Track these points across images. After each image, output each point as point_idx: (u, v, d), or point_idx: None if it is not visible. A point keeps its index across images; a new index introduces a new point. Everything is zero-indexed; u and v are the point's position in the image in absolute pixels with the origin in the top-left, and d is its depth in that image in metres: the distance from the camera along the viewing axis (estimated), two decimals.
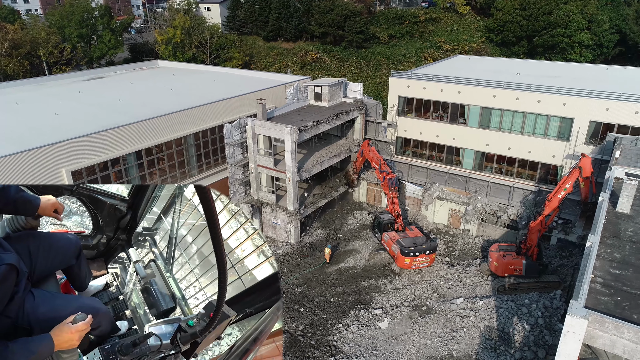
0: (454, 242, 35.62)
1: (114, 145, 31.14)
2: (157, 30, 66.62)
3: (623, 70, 43.70)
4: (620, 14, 69.59)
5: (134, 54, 73.79)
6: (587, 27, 65.48)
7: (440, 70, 41.36)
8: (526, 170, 35.72)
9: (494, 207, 34.88)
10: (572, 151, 32.56)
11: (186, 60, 64.26)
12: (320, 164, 35.80)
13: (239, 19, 78.99)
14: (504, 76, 38.31)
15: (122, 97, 39.83)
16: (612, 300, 14.11)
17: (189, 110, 35.65)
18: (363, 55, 69.55)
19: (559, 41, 64.55)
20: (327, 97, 38.33)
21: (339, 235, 36.12)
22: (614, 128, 30.84)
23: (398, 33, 75.15)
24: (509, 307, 26.86)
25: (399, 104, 39.74)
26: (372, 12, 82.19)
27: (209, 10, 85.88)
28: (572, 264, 30.42)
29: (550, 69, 44.74)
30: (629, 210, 19.50)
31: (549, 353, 24.02)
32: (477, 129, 36.71)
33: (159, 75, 52.65)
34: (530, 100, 33.64)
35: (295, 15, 72.44)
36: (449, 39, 71.42)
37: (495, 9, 69.27)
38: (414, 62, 66.67)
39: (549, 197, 27.57)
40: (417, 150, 40.68)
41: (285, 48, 73.37)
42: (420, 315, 27.29)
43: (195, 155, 37.05)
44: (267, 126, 33.10)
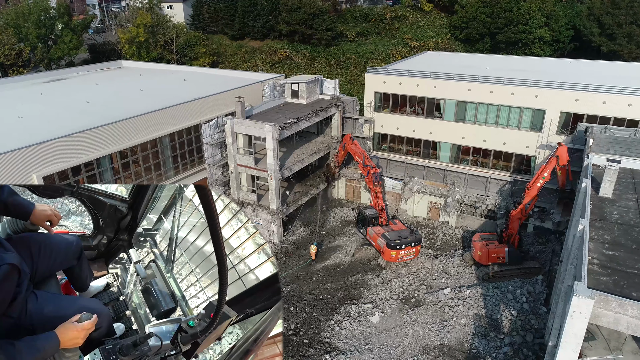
0: (434, 234, 36.22)
1: (87, 148, 29.79)
2: (119, 30, 64.25)
3: (584, 63, 45.75)
4: (574, 11, 72.87)
5: (94, 55, 70.92)
6: (545, 24, 68.20)
7: (413, 66, 41.90)
8: (501, 161, 36.75)
9: (472, 198, 35.70)
10: (545, 141, 33.76)
11: (152, 60, 62.38)
12: (301, 162, 35.54)
13: (204, 18, 77.41)
14: (475, 71, 39.24)
15: (89, 99, 38.18)
16: (611, 280, 14.65)
17: (164, 110, 34.58)
18: (332, 53, 69.70)
19: (520, 37, 66.88)
20: (305, 95, 38.10)
21: (322, 233, 36.00)
22: (584, 118, 32.18)
23: (365, 31, 75.77)
24: (495, 294, 27.55)
25: (375, 99, 39.99)
26: (338, 10, 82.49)
27: (171, 9, 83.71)
28: (550, 250, 31.56)
29: (517, 63, 46.25)
30: (610, 194, 20.37)
31: (536, 336, 24.80)
32: (453, 123, 37.44)
33: (125, 76, 50.84)
34: (503, 93, 34.63)
35: (262, 14, 71.70)
36: (416, 36, 72.67)
37: (459, 7, 71.00)
38: (382, 59, 67.36)
39: (528, 185, 28.49)
40: (394, 145, 41.07)
41: (253, 47, 72.51)
42: (410, 307, 27.56)
43: (171, 156, 35.98)
44: (247, 124, 32.52)
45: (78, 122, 31.16)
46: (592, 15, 68.15)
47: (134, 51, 61.65)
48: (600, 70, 41.23)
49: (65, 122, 31.27)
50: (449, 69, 39.70)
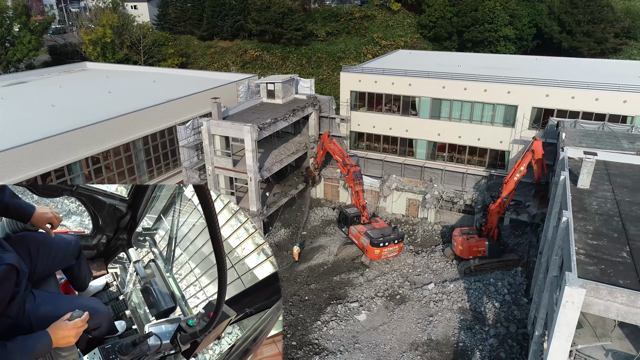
0: (414, 230, 36.61)
1: (56, 154, 28.48)
2: (82, 30, 61.85)
3: (550, 60, 47.32)
4: (535, 10, 75.36)
5: (55, 57, 68.10)
6: (509, 22, 70.20)
7: (386, 65, 42.18)
8: (476, 156, 37.52)
9: (450, 194, 36.28)
10: (519, 136, 34.68)
11: (118, 62, 60.39)
12: (279, 162, 35.18)
13: (171, 18, 75.60)
14: (447, 68, 39.87)
15: (54, 102, 36.56)
16: (598, 269, 15.09)
17: (136, 112, 33.47)
18: (303, 52, 69.47)
19: (486, 36, 68.59)
20: (281, 94, 37.74)
21: (303, 233, 35.76)
22: (554, 112, 33.24)
23: (335, 30, 75.90)
24: (478, 287, 28.06)
25: (351, 98, 40.06)
26: (307, 9, 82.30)
27: (135, 9, 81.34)
28: (527, 242, 32.45)
29: (486, 60, 47.37)
30: (588, 186, 21.05)
31: (519, 327, 25.41)
32: (429, 120, 37.95)
33: (91, 78, 49.02)
34: (477, 90, 35.35)
35: (231, 14, 70.67)
36: (385, 35, 73.37)
37: (426, 6, 72.15)
38: (353, 58, 67.68)
39: (506, 180, 29.16)
40: (370, 143, 41.27)
41: (222, 47, 71.36)
42: (396, 304, 27.72)
43: (145, 160, 34.87)
44: (225, 126, 31.91)
45: (45, 127, 29.77)
46: (553, 13, 70.65)
47: (98, 52, 59.51)
48: (566, 67, 42.74)
49: (31, 128, 29.80)
50: (422, 67, 40.22)
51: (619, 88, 31.09)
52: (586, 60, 48.55)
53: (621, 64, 46.34)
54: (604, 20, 66.77)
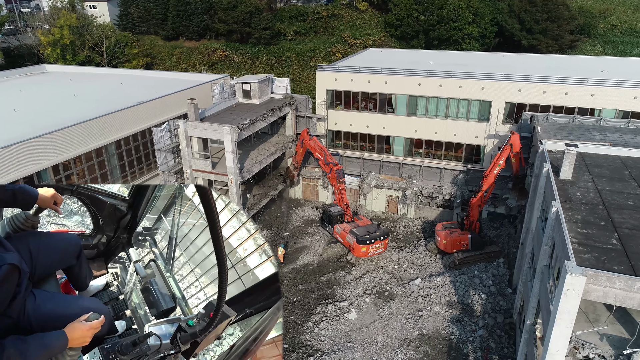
0: (395, 227, 36.91)
1: (24, 161, 26.93)
2: (40, 31, 58.78)
3: (516, 57, 48.88)
4: (497, 8, 77.77)
5: (9, 59, 64.40)
6: (473, 21, 72.09)
7: (359, 63, 42.31)
8: (452, 152, 38.23)
9: (429, 189, 36.79)
10: (493, 131, 35.58)
11: (79, 63, 57.82)
12: (259, 163, 34.63)
13: (133, 18, 73.12)
14: (420, 66, 40.39)
15: (16, 107, 34.61)
16: (592, 256, 15.59)
17: (108, 116, 32.10)
18: (272, 52, 68.82)
19: (451, 34, 70.14)
20: (257, 94, 37.17)
21: (286, 234, 35.35)
22: (526, 107, 34.28)
23: (303, 29, 75.63)
24: (463, 280, 28.57)
25: (327, 97, 39.95)
26: (273, 9, 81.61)
27: (94, 9, 78.20)
28: (505, 233, 33.33)
29: (456, 58, 48.35)
30: (570, 177, 21.77)
31: (505, 316, 26.03)
32: (405, 117, 38.36)
33: (52, 81, 46.73)
34: (452, 87, 36.01)
35: (196, 13, 69.07)
36: (353, 34, 73.74)
37: (392, 5, 73.02)
38: (323, 57, 67.64)
39: (486, 174, 29.83)
40: (348, 142, 41.32)
41: (189, 47, 69.67)
42: (385, 300, 27.82)
43: (118, 165, 33.49)
44: (203, 127, 31.08)
45: (8, 134, 28.08)
46: (513, 12, 73.09)
47: (58, 54, 56.72)
48: (532, 63, 44.17)
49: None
50: (395, 65, 40.55)
51: (587, 82, 32.42)
52: (549, 57, 50.52)
53: (585, 59, 48.37)
54: (560, 18, 69.69)
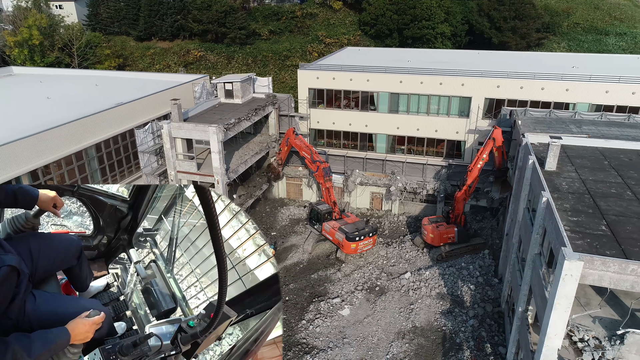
0: (380, 222, 37.32)
1: (1, 166, 25.86)
2: (6, 31, 56.44)
3: (490, 54, 50.21)
4: (467, 7, 79.64)
5: None
6: (445, 20, 73.57)
7: (338, 62, 42.53)
8: (434, 147, 38.97)
9: (413, 185, 37.38)
10: (474, 126, 36.46)
11: (48, 65, 55.89)
12: (244, 163, 34.39)
13: (103, 18, 71.17)
14: (399, 64, 40.96)
15: None
16: (585, 242, 16.24)
17: (86, 118, 31.20)
18: (248, 51, 68.33)
19: (425, 33, 71.37)
20: (240, 94, 36.88)
21: (273, 234, 35.22)
22: (505, 102, 35.31)
23: (278, 29, 75.40)
24: (452, 272, 29.18)
25: (309, 96, 40.01)
26: (246, 8, 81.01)
27: (61, 9, 75.65)
28: (489, 225, 34.22)
29: (433, 56, 49.33)
30: (555, 168, 22.59)
31: (494, 306, 26.75)
32: (387, 114, 38.85)
33: (21, 84, 44.99)
34: (433, 83, 36.70)
35: (169, 13, 67.85)
36: (329, 33, 74.02)
37: (367, 4, 73.70)
38: (300, 57, 67.62)
39: (470, 168, 30.54)
40: (331, 140, 41.51)
41: (162, 48, 68.34)
42: (376, 295, 28.12)
43: (99, 168, 32.58)
44: (187, 128, 30.62)
45: None
46: (482, 11, 75.01)
47: (25, 56, 54.63)
48: (506, 60, 45.49)
49: None
50: (374, 63, 40.97)
51: (562, 78, 33.65)
52: (521, 54, 52.11)
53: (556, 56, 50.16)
54: (527, 16, 71.97)
